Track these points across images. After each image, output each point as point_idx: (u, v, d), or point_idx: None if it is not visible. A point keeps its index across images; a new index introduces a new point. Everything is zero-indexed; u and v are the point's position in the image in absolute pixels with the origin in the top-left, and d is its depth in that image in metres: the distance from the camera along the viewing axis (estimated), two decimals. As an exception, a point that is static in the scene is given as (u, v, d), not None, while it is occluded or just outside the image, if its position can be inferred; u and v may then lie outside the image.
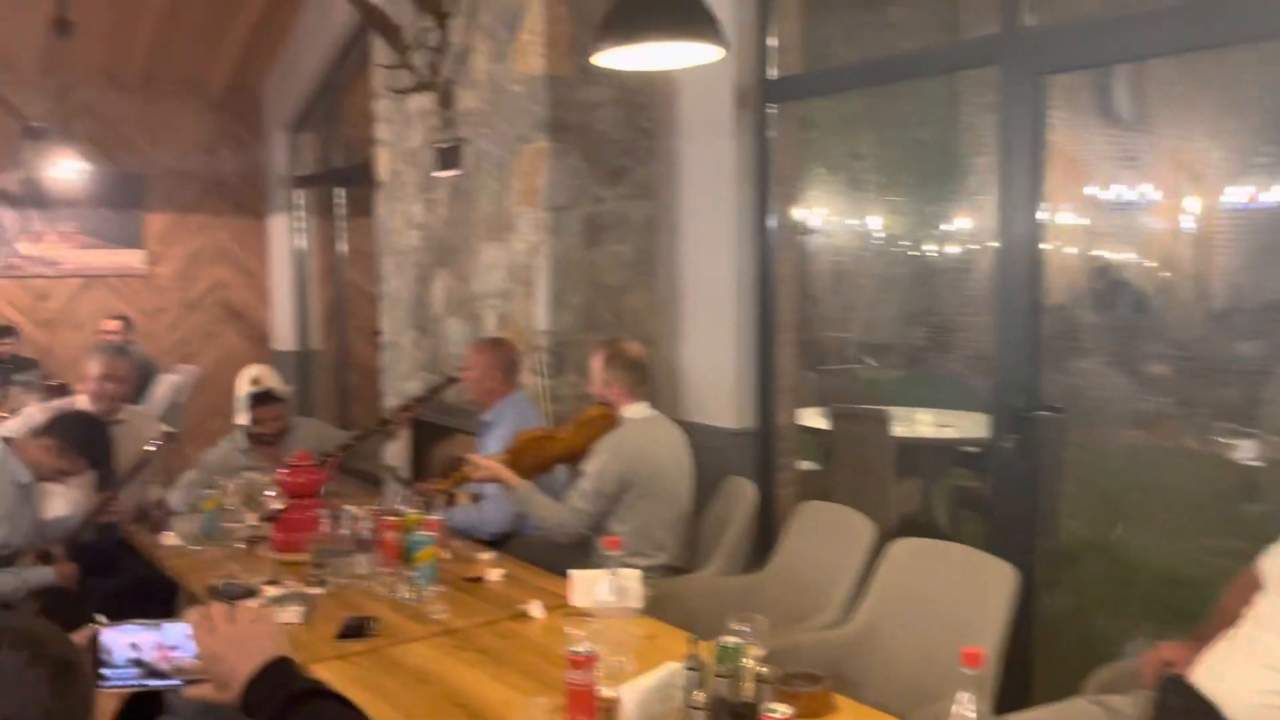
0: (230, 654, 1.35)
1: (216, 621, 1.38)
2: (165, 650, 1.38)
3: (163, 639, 1.39)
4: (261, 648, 1.36)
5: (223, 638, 1.36)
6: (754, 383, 4.36)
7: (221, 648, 1.36)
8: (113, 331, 7.21)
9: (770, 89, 4.26)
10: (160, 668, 1.39)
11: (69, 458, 3.41)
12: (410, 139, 5.34)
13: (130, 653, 1.38)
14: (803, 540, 3.23)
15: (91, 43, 7.20)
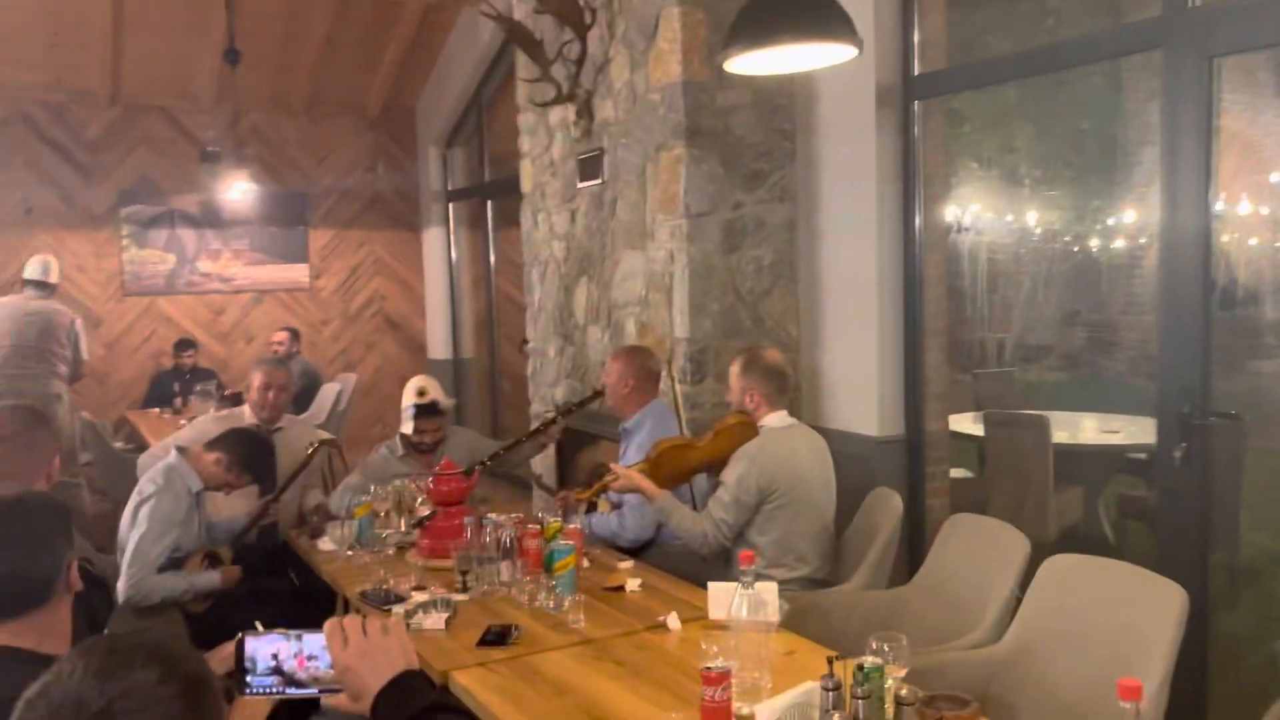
0: (361, 666, 1.39)
1: (349, 634, 1.41)
2: (304, 660, 1.43)
3: (302, 649, 1.44)
4: (391, 661, 1.39)
5: (354, 650, 1.40)
6: (900, 388, 4.23)
7: (353, 660, 1.39)
8: (280, 343, 7.62)
9: (915, 85, 4.13)
10: (299, 677, 1.44)
11: (235, 472, 3.61)
12: (552, 151, 5.43)
13: (271, 661, 1.43)
14: (952, 554, 3.10)
15: (259, 71, 7.64)
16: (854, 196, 4.23)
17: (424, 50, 8.18)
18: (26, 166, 7.72)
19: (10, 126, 7.65)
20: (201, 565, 3.61)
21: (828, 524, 3.36)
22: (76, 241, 7.92)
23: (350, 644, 1.40)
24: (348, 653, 1.39)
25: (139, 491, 3.57)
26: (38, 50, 7.20)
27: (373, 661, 1.39)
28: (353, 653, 1.39)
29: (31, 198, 7.75)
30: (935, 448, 4.29)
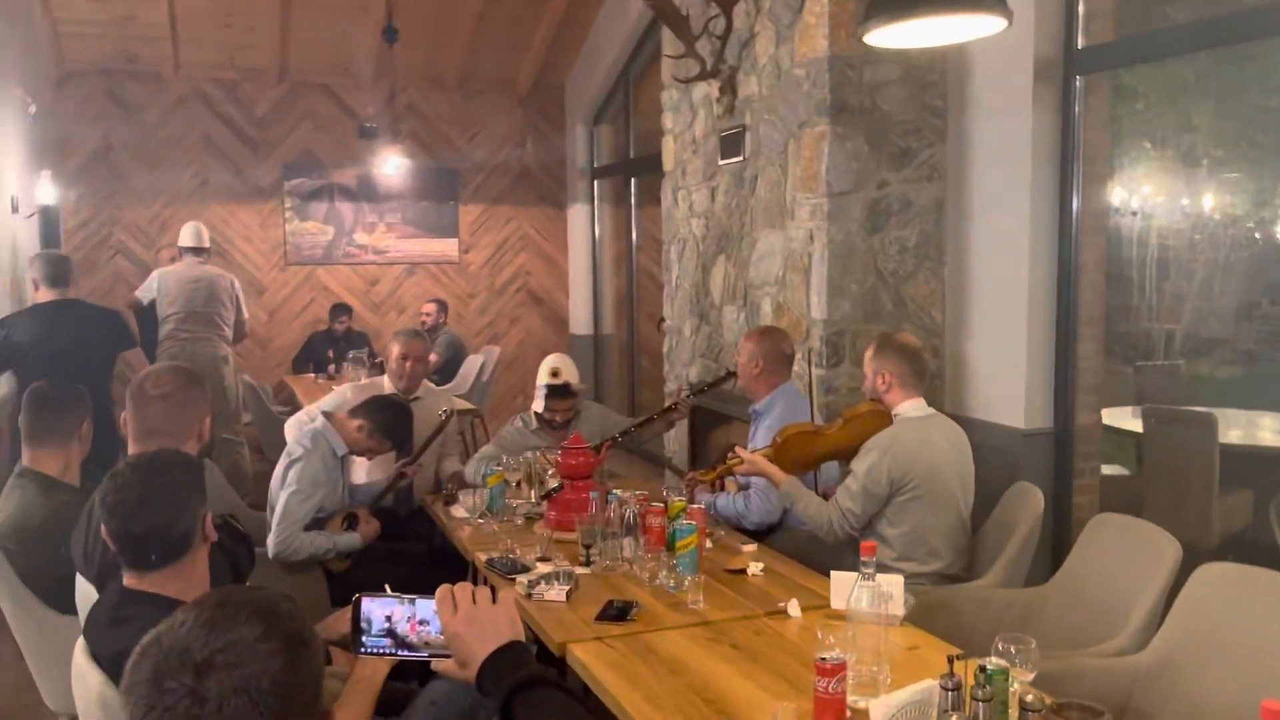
0: (468, 634, 1.41)
1: (459, 601, 1.44)
2: (416, 624, 1.47)
3: (415, 613, 1.48)
4: (498, 631, 1.41)
5: (463, 618, 1.42)
6: (1050, 379, 4.04)
7: (461, 627, 1.42)
8: (428, 314, 7.85)
9: (1077, 59, 3.90)
10: (410, 640, 1.48)
11: (377, 439, 3.74)
12: (695, 128, 5.39)
13: (385, 623, 1.47)
14: (1096, 555, 2.94)
15: (415, 48, 7.85)
16: (1007, 177, 4.04)
17: (574, 27, 8.24)
18: (202, 142, 8.19)
19: (187, 104, 8.12)
20: (342, 526, 3.76)
21: (963, 518, 3.23)
22: (244, 213, 8.36)
23: (460, 611, 1.43)
24: (457, 619, 1.42)
25: (288, 453, 3.74)
26: (213, 31, 7.60)
27: (480, 629, 1.41)
28: (461, 620, 1.42)
29: (205, 171, 8.21)
30: (1086, 442, 4.08)
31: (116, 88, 7.95)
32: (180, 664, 1.08)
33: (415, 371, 4.32)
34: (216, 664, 1.08)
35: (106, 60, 7.81)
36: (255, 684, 1.08)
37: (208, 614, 1.12)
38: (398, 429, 3.84)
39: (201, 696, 1.07)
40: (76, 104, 7.86)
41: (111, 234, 8.04)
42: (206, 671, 1.08)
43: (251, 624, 1.12)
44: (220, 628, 1.11)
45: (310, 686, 1.15)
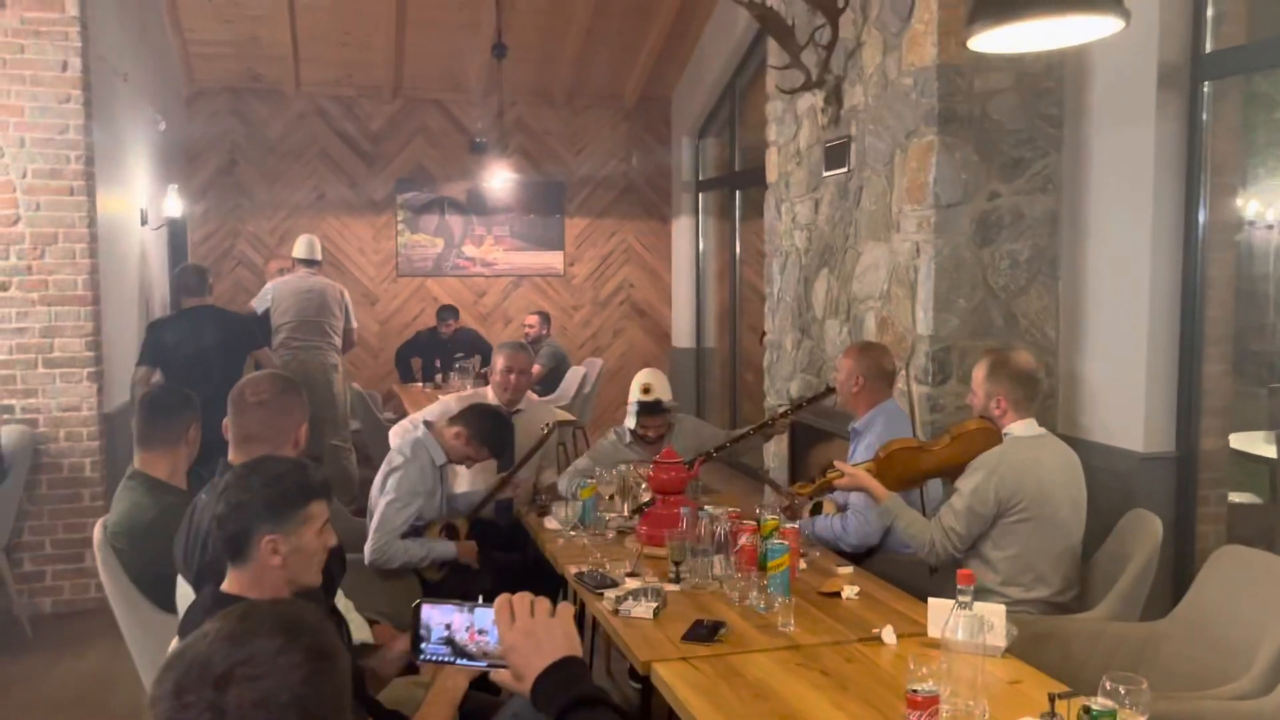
0: (525, 646, 1.39)
1: (517, 612, 1.42)
2: (475, 634, 1.46)
3: (474, 622, 1.47)
4: (555, 645, 1.39)
5: (520, 630, 1.40)
6: (1173, 400, 3.82)
7: (518, 639, 1.40)
8: (531, 325, 7.93)
9: (1205, 64, 3.70)
10: (469, 649, 1.47)
11: (475, 446, 3.77)
12: (799, 139, 5.31)
13: (445, 631, 1.47)
14: (1219, 590, 2.75)
15: (524, 64, 7.97)
16: (1128, 188, 3.85)
17: (680, 41, 8.25)
18: (320, 157, 8.46)
19: (306, 120, 8.41)
20: (440, 535, 3.80)
21: (1073, 544, 3.07)
22: (359, 225, 8.60)
23: (517, 622, 1.41)
24: (514, 631, 1.40)
25: (389, 461, 3.80)
26: (331, 49, 7.86)
27: (536, 642, 1.39)
28: (519, 631, 1.40)
29: (322, 185, 8.49)
30: (1212, 468, 3.84)
31: (241, 105, 8.30)
32: (200, 677, 1.07)
33: (519, 384, 4.35)
34: (236, 677, 1.07)
35: (233, 79, 8.15)
36: (275, 698, 1.07)
37: (230, 626, 1.12)
38: (495, 436, 3.87)
39: (221, 710, 1.06)
40: (204, 120, 8.23)
41: (234, 246, 8.38)
42: (226, 685, 1.07)
43: (272, 637, 1.10)
44: (241, 641, 1.10)
45: (333, 700, 1.13)
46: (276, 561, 1.97)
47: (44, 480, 4.90)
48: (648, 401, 4.07)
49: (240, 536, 1.96)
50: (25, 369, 4.87)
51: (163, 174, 7.14)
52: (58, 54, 4.81)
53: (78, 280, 4.91)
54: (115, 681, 4.05)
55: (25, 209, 4.83)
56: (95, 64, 5.07)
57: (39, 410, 4.89)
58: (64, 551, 4.93)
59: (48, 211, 4.85)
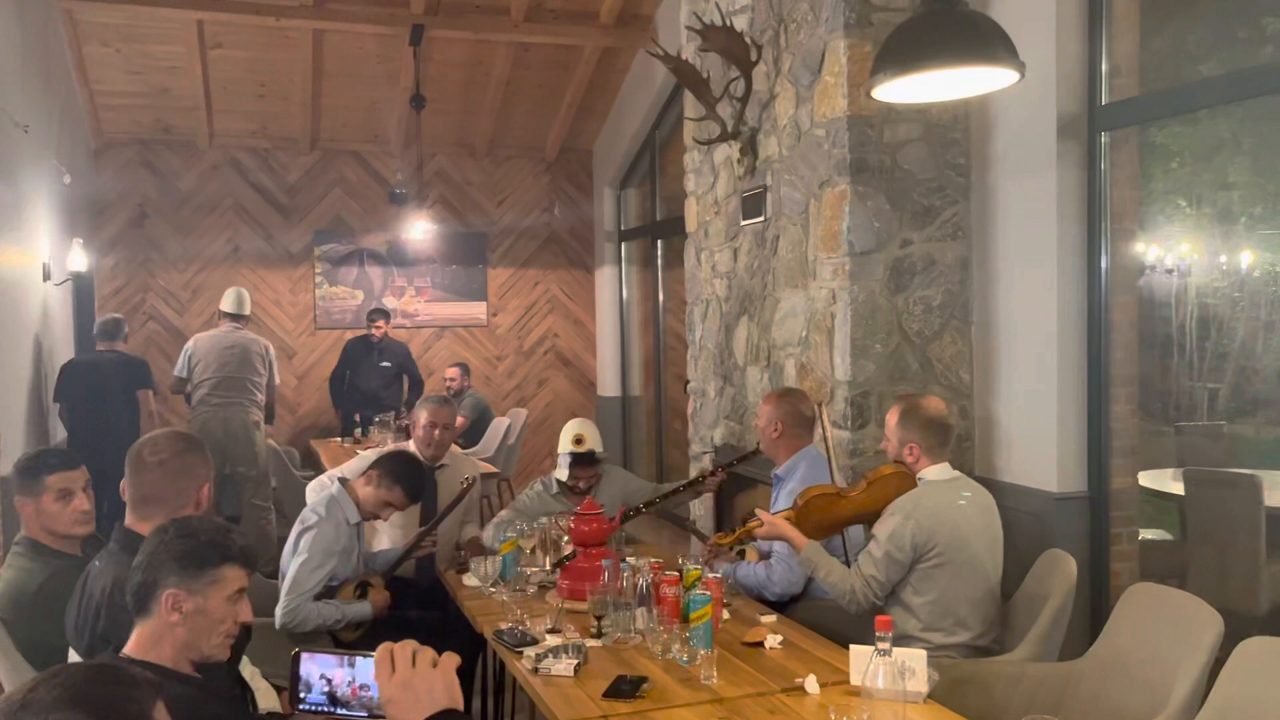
0: (403, 699, 1.35)
1: (397, 664, 1.38)
2: (357, 689, 1.44)
3: (355, 677, 1.44)
4: (434, 698, 1.36)
5: (399, 682, 1.37)
6: (1083, 441, 3.90)
7: (396, 692, 1.36)
8: (452, 379, 7.83)
9: (1101, 115, 3.83)
10: (349, 700, 1.44)
11: (387, 487, 3.66)
12: (717, 189, 5.37)
13: (323, 684, 1.43)
14: (1133, 628, 2.79)
15: (444, 116, 7.97)
16: (1033, 235, 3.95)
17: (600, 93, 8.33)
18: (234, 209, 8.31)
19: (220, 171, 8.26)
20: (354, 594, 3.68)
21: (992, 587, 3.09)
22: (275, 278, 8.44)
23: (396, 674, 1.37)
24: (392, 683, 1.37)
25: (302, 520, 3.68)
26: (246, 101, 7.76)
27: (415, 695, 1.35)
28: (397, 684, 1.37)
29: (237, 238, 8.32)
30: (1122, 507, 3.92)
31: (152, 157, 8.12)
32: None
33: (443, 439, 4.27)
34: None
35: (142, 130, 7.99)
36: None
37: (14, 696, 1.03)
38: (408, 475, 3.75)
39: None
40: (113, 173, 8.03)
41: (145, 300, 8.15)
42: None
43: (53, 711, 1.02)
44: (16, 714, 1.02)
45: None
46: (175, 619, 1.90)
47: (-66, 548, 4.65)
48: (580, 453, 4.03)
49: (145, 588, 1.91)
50: (-85, 431, 4.64)
51: (68, 228, 6.93)
52: (-46, 105, 4.66)
53: (-27, 338, 4.71)
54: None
55: (-83, 264, 4.63)
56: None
57: (-71, 474, 4.66)
58: (-45, 624, 4.66)
59: (-59, 267, 4.66)
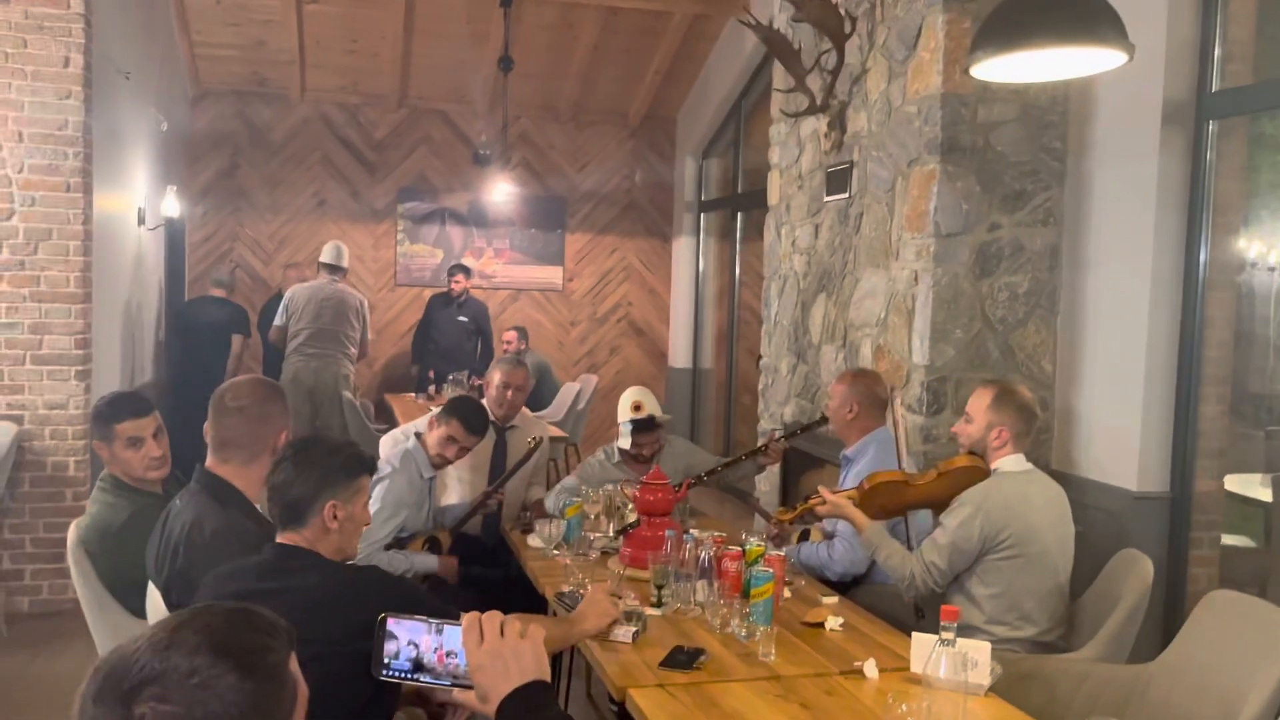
0: (491, 667, 1.35)
1: (486, 633, 1.38)
2: (443, 655, 1.42)
3: (442, 643, 1.43)
4: (522, 667, 1.35)
5: (488, 650, 1.36)
6: (1168, 440, 3.78)
7: (485, 659, 1.36)
8: (509, 342, 7.88)
9: (1210, 102, 3.67)
10: (435, 667, 1.43)
11: (445, 420, 3.74)
12: (802, 163, 5.29)
13: (410, 650, 1.43)
14: (1209, 635, 2.70)
15: (530, 79, 7.97)
16: (1129, 224, 3.82)
17: (688, 61, 8.25)
18: (322, 163, 8.45)
19: (310, 125, 8.40)
20: (423, 548, 3.75)
21: (1060, 583, 3.02)
22: (358, 233, 8.58)
23: (485, 643, 1.37)
24: (480, 651, 1.37)
25: (377, 471, 3.75)
26: (337, 56, 7.85)
27: (504, 664, 1.35)
28: (486, 652, 1.36)
29: (324, 191, 8.47)
30: (1206, 510, 3.80)
31: (245, 108, 8.29)
32: (115, 687, 0.99)
33: (515, 401, 4.32)
34: (144, 696, 0.98)
35: (238, 81, 8.15)
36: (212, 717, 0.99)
37: (159, 634, 1.03)
38: (463, 407, 3.83)
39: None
40: (208, 122, 8.22)
41: (232, 249, 8.35)
42: (132, 701, 0.98)
43: (196, 655, 1.01)
44: (160, 653, 1.01)
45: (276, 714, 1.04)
46: (334, 526, 2.11)
47: (27, 478, 4.85)
48: (640, 419, 4.03)
49: (302, 502, 2.10)
50: (13, 365, 4.83)
51: (163, 174, 7.12)
52: (60, 49, 4.79)
53: (70, 278, 4.87)
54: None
55: (20, 204, 4.79)
56: (98, 61, 5.06)
57: (25, 407, 4.85)
58: (44, 550, 4.87)
59: (43, 207, 4.82)
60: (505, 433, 4.35)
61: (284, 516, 2.13)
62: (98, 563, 2.79)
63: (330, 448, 2.20)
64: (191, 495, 2.48)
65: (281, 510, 2.13)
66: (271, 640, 1.07)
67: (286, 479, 2.12)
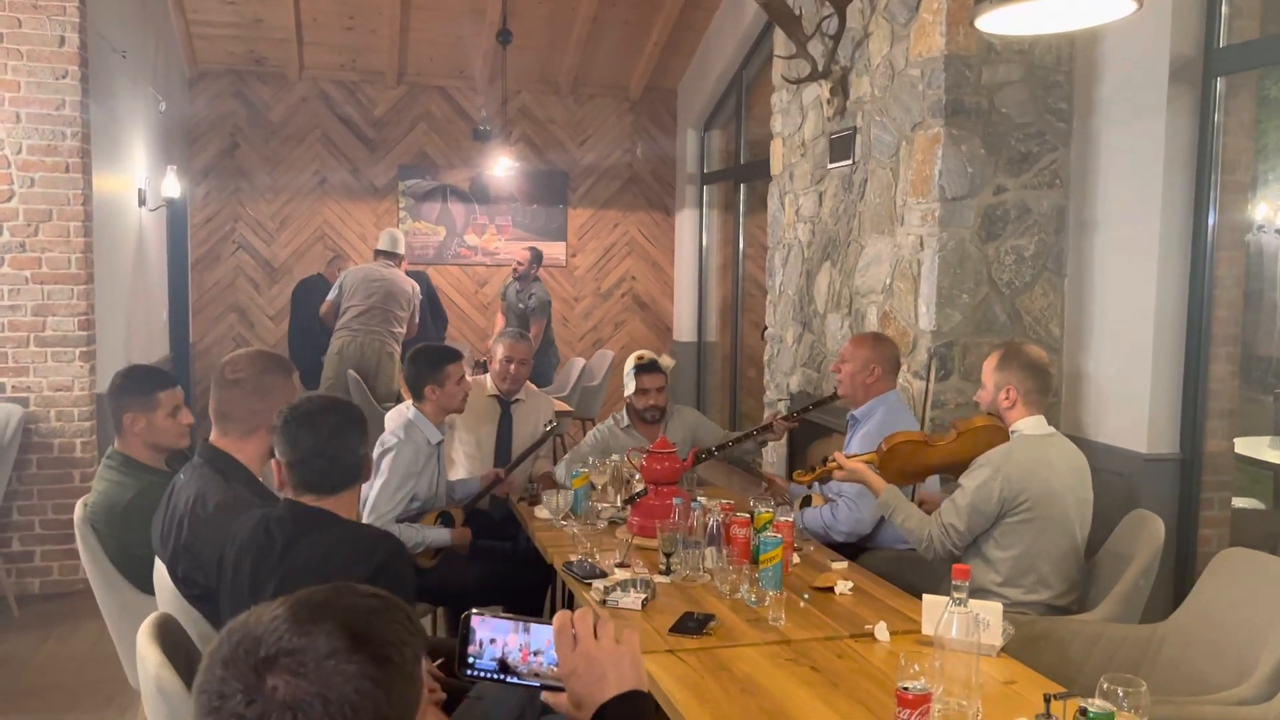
0: (588, 673, 1.30)
1: (579, 635, 1.32)
2: (528, 654, 1.36)
3: (529, 641, 1.37)
4: (621, 675, 1.30)
5: (583, 654, 1.31)
6: (1177, 402, 3.76)
7: (580, 664, 1.30)
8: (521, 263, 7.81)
9: (1217, 58, 3.63)
10: (519, 668, 1.37)
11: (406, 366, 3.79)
12: (805, 130, 5.25)
13: (495, 649, 1.37)
14: (1221, 593, 2.68)
15: (529, 52, 7.91)
16: (1136, 185, 3.78)
17: (687, 31, 8.17)
18: (322, 141, 8.40)
19: (309, 103, 8.35)
20: (435, 523, 3.74)
21: (1077, 547, 3.00)
22: (360, 211, 8.54)
23: (580, 646, 1.31)
24: (576, 655, 1.31)
25: (381, 443, 3.73)
26: (335, 33, 7.79)
27: (601, 670, 1.30)
28: (581, 657, 1.30)
29: (324, 170, 8.43)
30: (1216, 471, 3.78)
31: (244, 87, 8.23)
32: (248, 654, 0.97)
33: (519, 374, 4.30)
34: (279, 667, 0.97)
35: (235, 60, 8.09)
36: (309, 705, 0.96)
37: (296, 609, 1.01)
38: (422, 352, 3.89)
39: (253, 697, 0.96)
40: (206, 102, 8.17)
41: (234, 229, 8.32)
42: (266, 671, 0.96)
43: (331, 637, 0.98)
44: (300, 628, 0.99)
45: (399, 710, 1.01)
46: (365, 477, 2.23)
47: (34, 460, 4.85)
48: (644, 362, 4.09)
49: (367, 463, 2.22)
50: (16, 347, 4.82)
51: (163, 154, 7.08)
52: (55, 28, 4.75)
53: (71, 259, 4.85)
54: (101, 663, 4.00)
55: (20, 185, 4.77)
56: (94, 40, 5.02)
57: (30, 389, 4.84)
58: (53, 532, 4.88)
59: (42, 188, 4.79)
60: (511, 406, 4.33)
61: (333, 481, 2.16)
62: (105, 540, 2.78)
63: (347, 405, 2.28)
64: (194, 469, 2.47)
65: (326, 473, 2.16)
66: (409, 635, 1.04)
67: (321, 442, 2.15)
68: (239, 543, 2.14)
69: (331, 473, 2.16)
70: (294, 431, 2.15)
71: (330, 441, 2.15)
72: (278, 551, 2.10)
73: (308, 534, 2.11)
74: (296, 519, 2.14)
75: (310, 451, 2.14)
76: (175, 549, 2.34)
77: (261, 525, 2.16)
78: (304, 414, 2.17)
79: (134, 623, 2.63)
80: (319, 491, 2.16)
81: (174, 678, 1.86)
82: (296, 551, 2.08)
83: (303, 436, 2.14)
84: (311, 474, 2.15)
